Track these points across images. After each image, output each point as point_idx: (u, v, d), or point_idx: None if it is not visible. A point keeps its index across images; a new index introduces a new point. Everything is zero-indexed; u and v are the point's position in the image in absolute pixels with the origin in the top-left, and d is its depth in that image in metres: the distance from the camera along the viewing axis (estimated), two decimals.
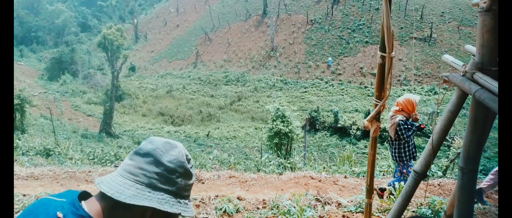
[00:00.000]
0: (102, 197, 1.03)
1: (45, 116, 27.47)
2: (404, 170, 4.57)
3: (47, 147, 12.99)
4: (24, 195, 5.12)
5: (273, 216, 4.19)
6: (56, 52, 43.98)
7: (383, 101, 2.24)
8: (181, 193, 1.10)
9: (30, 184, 6.22)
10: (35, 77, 41.27)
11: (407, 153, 4.52)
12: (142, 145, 1.10)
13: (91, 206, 1.03)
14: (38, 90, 35.35)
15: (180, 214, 1.08)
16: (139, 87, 38.96)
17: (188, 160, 1.13)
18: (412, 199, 3.35)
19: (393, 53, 2.11)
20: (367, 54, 34.32)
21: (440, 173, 7.23)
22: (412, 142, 4.55)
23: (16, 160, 9.68)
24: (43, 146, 13.26)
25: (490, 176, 4.51)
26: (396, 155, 4.58)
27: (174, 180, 1.07)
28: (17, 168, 7.27)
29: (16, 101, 20.88)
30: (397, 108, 4.53)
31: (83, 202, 1.04)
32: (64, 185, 6.24)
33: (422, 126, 4.51)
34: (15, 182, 6.15)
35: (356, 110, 27.35)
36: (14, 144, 12.82)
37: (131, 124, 29.80)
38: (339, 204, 4.52)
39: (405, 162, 4.55)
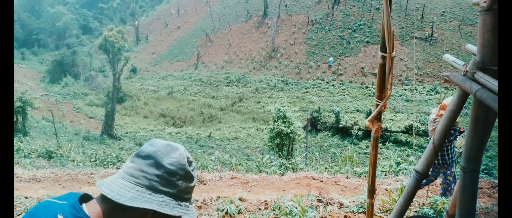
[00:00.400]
0: (103, 199, 1.04)
1: (47, 119, 27.55)
2: (448, 171, 4.69)
3: (49, 150, 13.00)
4: (26, 198, 5.13)
5: (275, 217, 4.19)
6: (58, 54, 44.16)
7: (384, 101, 2.24)
8: (182, 196, 1.10)
9: (32, 186, 6.23)
10: (36, 80, 41.39)
11: (451, 156, 4.68)
12: (143, 147, 1.10)
13: (91, 208, 1.03)
14: (40, 93, 35.43)
15: (180, 216, 1.08)
16: (140, 88, 39.01)
17: (190, 163, 1.12)
18: (414, 199, 3.34)
19: (394, 53, 2.10)
20: (368, 54, 34.29)
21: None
22: (453, 145, 4.73)
23: (18, 162, 9.70)
24: (45, 148, 13.27)
25: None
26: (439, 158, 4.69)
27: (175, 182, 1.07)
28: (19, 171, 7.28)
29: (18, 104, 20.94)
30: (442, 112, 4.50)
31: (84, 204, 1.05)
32: (66, 187, 6.24)
33: (462, 130, 4.63)
34: (17, 184, 6.16)
35: (358, 110, 27.32)
36: (16, 147, 12.85)
37: (133, 126, 29.84)
38: (341, 204, 4.51)
39: (449, 163, 4.69)
